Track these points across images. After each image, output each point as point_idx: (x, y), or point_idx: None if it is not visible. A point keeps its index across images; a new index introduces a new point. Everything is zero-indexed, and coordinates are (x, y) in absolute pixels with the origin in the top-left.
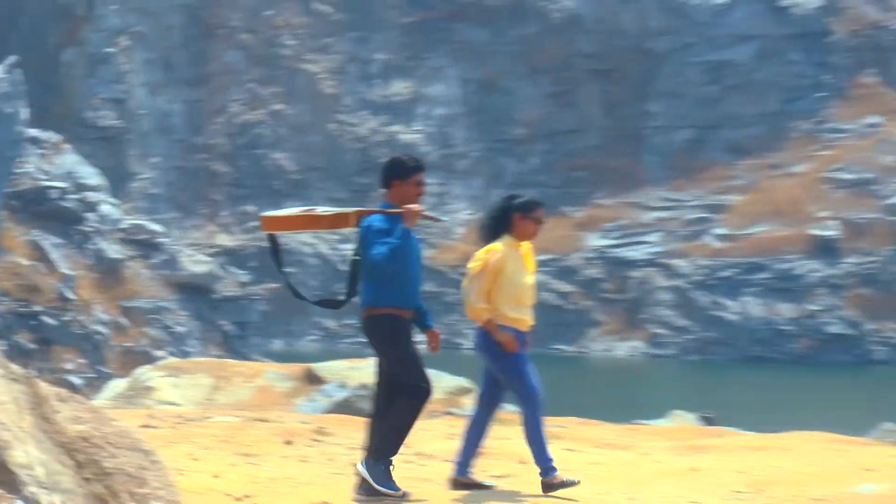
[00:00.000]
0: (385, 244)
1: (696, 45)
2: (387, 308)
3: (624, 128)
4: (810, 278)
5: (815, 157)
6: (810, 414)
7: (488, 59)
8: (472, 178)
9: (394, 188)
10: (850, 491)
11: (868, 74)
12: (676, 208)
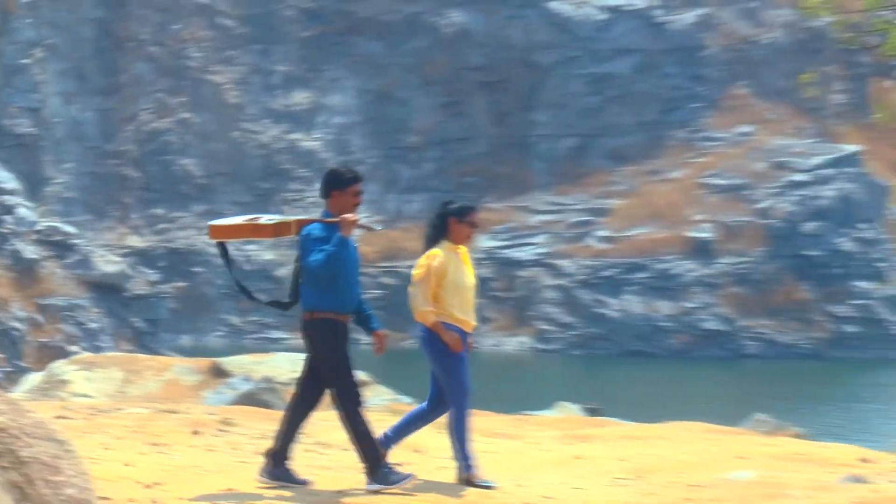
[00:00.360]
0: (322, 251)
1: (580, 59)
2: (326, 312)
3: (511, 136)
4: (687, 278)
5: (691, 163)
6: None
7: (383, 71)
8: (369, 183)
9: (333, 198)
10: (724, 477)
11: (740, 86)
12: (561, 212)
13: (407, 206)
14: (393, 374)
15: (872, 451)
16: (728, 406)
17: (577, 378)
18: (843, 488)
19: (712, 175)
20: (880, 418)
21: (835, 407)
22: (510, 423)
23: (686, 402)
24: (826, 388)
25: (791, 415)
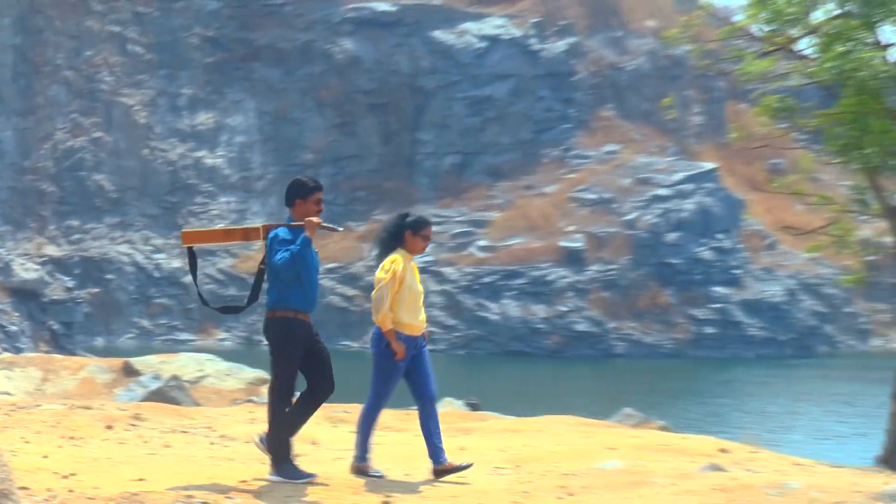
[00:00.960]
0: (287, 251)
1: (460, 83)
2: (287, 311)
3: (399, 154)
4: (560, 283)
5: (563, 179)
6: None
7: (281, 94)
8: (268, 196)
9: (297, 206)
10: (595, 466)
11: (607, 109)
12: (445, 223)
13: None
14: None
15: (729, 442)
16: (598, 401)
17: (460, 376)
18: (703, 476)
19: (582, 190)
20: (735, 412)
21: (695, 402)
22: (399, 418)
23: (560, 397)
24: (687, 385)
25: (655, 409)
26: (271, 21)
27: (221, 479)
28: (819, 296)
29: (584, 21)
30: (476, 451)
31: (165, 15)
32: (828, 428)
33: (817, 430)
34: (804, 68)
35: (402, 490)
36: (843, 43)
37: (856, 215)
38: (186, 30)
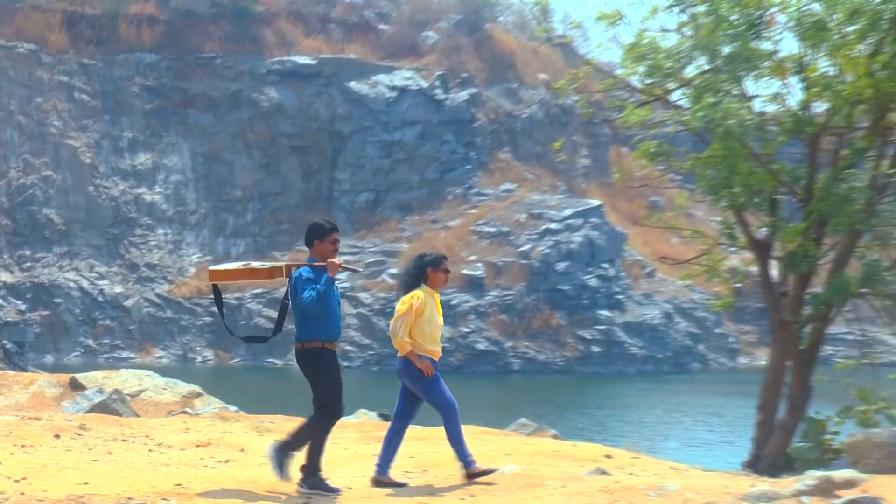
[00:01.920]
0: (314, 289)
1: (373, 128)
2: (314, 342)
3: (318, 191)
4: (463, 307)
5: (465, 214)
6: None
7: (212, 137)
8: (201, 229)
9: (315, 246)
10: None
11: (504, 152)
12: (360, 253)
13: (233, 248)
14: (222, 387)
15: (613, 449)
16: (497, 412)
17: (374, 390)
18: (590, 479)
19: (482, 224)
20: (618, 422)
21: (582, 413)
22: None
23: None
24: (575, 398)
25: (547, 419)
26: (204, 72)
27: (158, 483)
28: (692, 318)
29: (483, 74)
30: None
31: (109, 66)
32: (698, 436)
33: (689, 437)
34: (678, 117)
35: (322, 493)
36: (713, 94)
37: (725, 247)
38: (128, 79)
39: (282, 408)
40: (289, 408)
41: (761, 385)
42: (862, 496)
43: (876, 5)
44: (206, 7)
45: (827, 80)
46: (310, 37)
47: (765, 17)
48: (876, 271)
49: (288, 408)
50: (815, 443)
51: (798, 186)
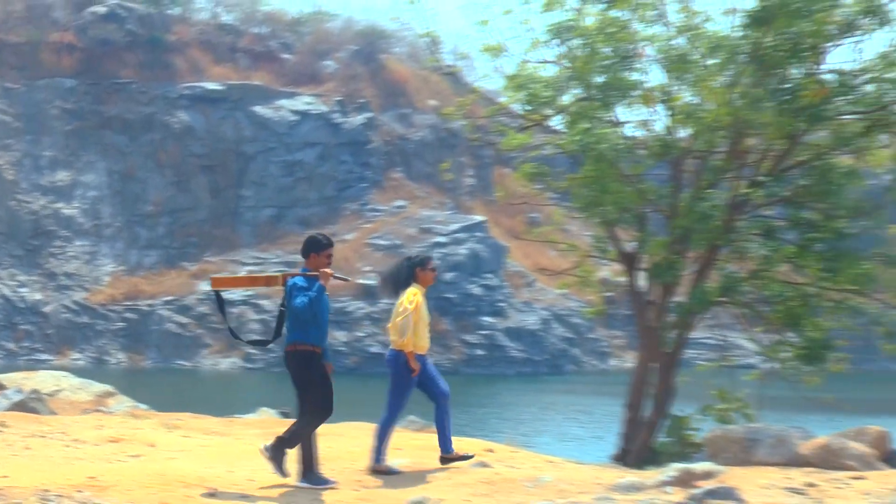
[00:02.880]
0: (306, 296)
1: (276, 149)
2: (305, 345)
3: (225, 207)
4: (358, 314)
5: (361, 228)
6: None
7: (127, 156)
8: (116, 241)
9: (311, 258)
10: None
11: (396, 171)
12: (263, 264)
13: (146, 259)
14: (133, 388)
15: (494, 444)
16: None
17: (274, 389)
18: (473, 471)
19: (377, 237)
20: (497, 419)
21: (465, 410)
22: (223, 424)
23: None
24: (460, 397)
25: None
26: (120, 96)
27: (73, 476)
28: (568, 324)
29: (377, 100)
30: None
31: (31, 90)
32: (570, 432)
33: (562, 433)
34: (555, 141)
35: (225, 483)
36: (587, 121)
37: (597, 259)
38: (48, 102)
39: (189, 406)
40: (196, 406)
41: (629, 385)
42: (719, 486)
43: (734, 41)
44: (122, 36)
45: (690, 108)
46: (218, 64)
47: (634, 50)
48: (733, 282)
49: (195, 406)
50: (677, 438)
51: (663, 204)
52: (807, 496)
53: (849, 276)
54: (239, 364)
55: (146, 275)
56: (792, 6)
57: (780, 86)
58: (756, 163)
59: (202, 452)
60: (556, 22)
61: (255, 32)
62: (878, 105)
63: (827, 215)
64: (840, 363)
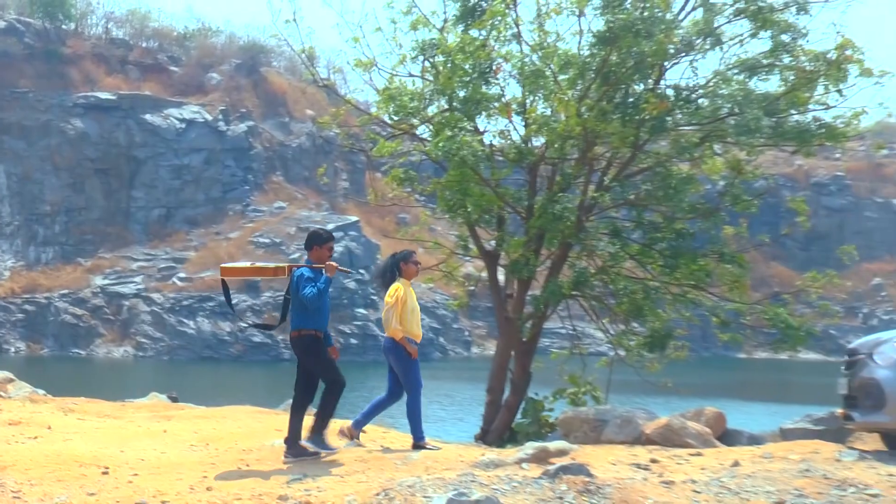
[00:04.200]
0: (314, 287)
1: (165, 154)
2: (310, 330)
3: (118, 207)
4: (241, 306)
5: (244, 227)
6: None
7: (25, 160)
8: (15, 238)
9: (314, 250)
10: (266, 444)
11: (277, 175)
12: (153, 260)
13: (43, 255)
14: (32, 374)
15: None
16: (269, 395)
17: (164, 376)
18: (348, 450)
19: (258, 235)
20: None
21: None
22: (116, 408)
23: (241, 392)
24: None
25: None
26: (18, 104)
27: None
28: (435, 316)
29: (259, 109)
30: (175, 434)
31: None
32: (434, 414)
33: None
34: (422, 148)
35: (118, 462)
36: (450, 130)
37: (460, 256)
38: None
39: (84, 392)
40: (90, 392)
41: (490, 371)
42: (571, 463)
43: (583, 58)
44: (21, 49)
45: (543, 119)
46: (111, 76)
47: (492, 66)
48: (584, 277)
49: (90, 392)
50: (533, 419)
51: (520, 206)
52: (650, 471)
53: (687, 272)
54: (131, 352)
55: (44, 270)
56: (635, 28)
57: (625, 100)
58: (603, 169)
59: (96, 434)
60: (421, 40)
61: (145, 46)
62: (712, 118)
63: (667, 217)
64: (680, 351)
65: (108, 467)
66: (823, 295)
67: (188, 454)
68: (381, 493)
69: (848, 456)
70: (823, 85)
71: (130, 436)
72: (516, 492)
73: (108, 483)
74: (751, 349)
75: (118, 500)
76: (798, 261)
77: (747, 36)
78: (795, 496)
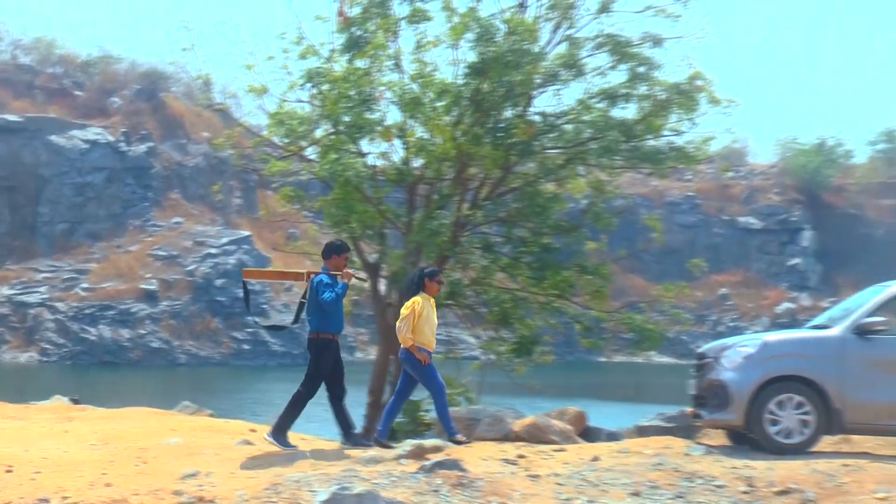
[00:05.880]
0: (333, 292)
1: (69, 172)
2: (327, 334)
3: (24, 222)
4: (140, 314)
5: (143, 241)
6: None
7: None
8: None
9: (332, 259)
10: (162, 442)
11: (175, 193)
12: (58, 271)
13: None
14: None
15: (257, 425)
16: (166, 397)
17: (67, 380)
18: (239, 448)
19: (157, 249)
20: (258, 403)
21: (231, 396)
22: (19, 410)
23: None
24: (228, 384)
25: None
26: None
27: None
28: None
29: (158, 131)
30: (76, 434)
31: None
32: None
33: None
34: (310, 168)
35: (21, 461)
36: (336, 152)
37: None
38: None
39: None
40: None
41: (371, 374)
42: (446, 458)
43: (458, 87)
44: None
45: (422, 142)
46: (18, 99)
47: (375, 93)
48: (458, 288)
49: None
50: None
51: (400, 223)
52: (518, 466)
53: (553, 283)
54: (36, 357)
55: None
56: (505, 59)
57: (496, 125)
58: (476, 188)
59: (1, 435)
60: (309, 68)
61: (51, 72)
62: (576, 142)
63: (535, 233)
64: (546, 355)
65: (12, 466)
66: (676, 304)
67: (89, 453)
68: (269, 487)
69: (697, 450)
70: (676, 113)
71: (34, 436)
72: (395, 486)
73: (12, 481)
74: (610, 353)
75: (22, 496)
76: (653, 273)
77: (607, 68)
78: (649, 487)
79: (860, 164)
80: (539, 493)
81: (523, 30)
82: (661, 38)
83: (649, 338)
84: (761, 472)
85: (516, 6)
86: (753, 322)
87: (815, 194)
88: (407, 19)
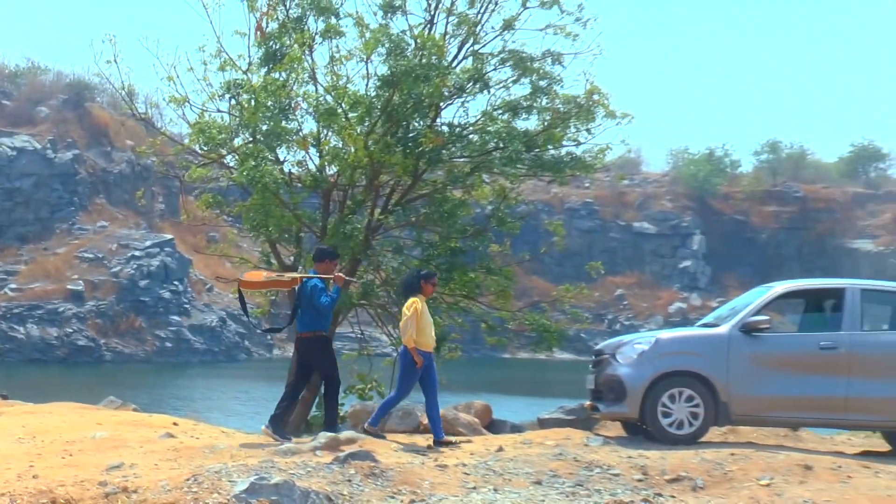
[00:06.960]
0: (328, 296)
1: None
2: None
3: None
4: (67, 314)
5: (70, 244)
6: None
7: None
8: None
9: (325, 262)
10: (88, 436)
11: (100, 198)
12: None
13: None
14: None
15: (179, 419)
16: (92, 392)
17: None
18: (162, 441)
19: (83, 251)
20: (178, 398)
21: (152, 391)
22: None
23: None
24: (152, 380)
25: (130, 397)
26: None
27: None
28: (241, 322)
29: (84, 140)
30: (4, 428)
31: None
32: (234, 408)
33: (229, 410)
34: (229, 175)
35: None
36: (254, 159)
37: (264, 270)
38: None
39: None
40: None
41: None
42: (359, 450)
43: (370, 99)
44: None
45: (336, 151)
46: None
47: (292, 104)
48: (371, 289)
49: None
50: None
51: (316, 227)
52: (427, 456)
53: (460, 284)
54: None
55: None
56: (414, 73)
57: (406, 135)
58: (388, 195)
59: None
60: (229, 80)
61: None
62: (481, 151)
63: (443, 236)
64: (453, 352)
65: None
66: (575, 304)
67: (16, 446)
68: (191, 478)
69: (595, 441)
70: (575, 124)
71: None
72: (311, 476)
73: None
74: (514, 350)
75: None
76: (554, 274)
77: (510, 81)
78: (550, 476)
79: (746, 174)
80: (447, 482)
81: (432, 45)
82: (560, 55)
83: (549, 339)
84: (654, 461)
85: (425, 23)
86: (647, 321)
87: (705, 201)
88: (321, 34)
